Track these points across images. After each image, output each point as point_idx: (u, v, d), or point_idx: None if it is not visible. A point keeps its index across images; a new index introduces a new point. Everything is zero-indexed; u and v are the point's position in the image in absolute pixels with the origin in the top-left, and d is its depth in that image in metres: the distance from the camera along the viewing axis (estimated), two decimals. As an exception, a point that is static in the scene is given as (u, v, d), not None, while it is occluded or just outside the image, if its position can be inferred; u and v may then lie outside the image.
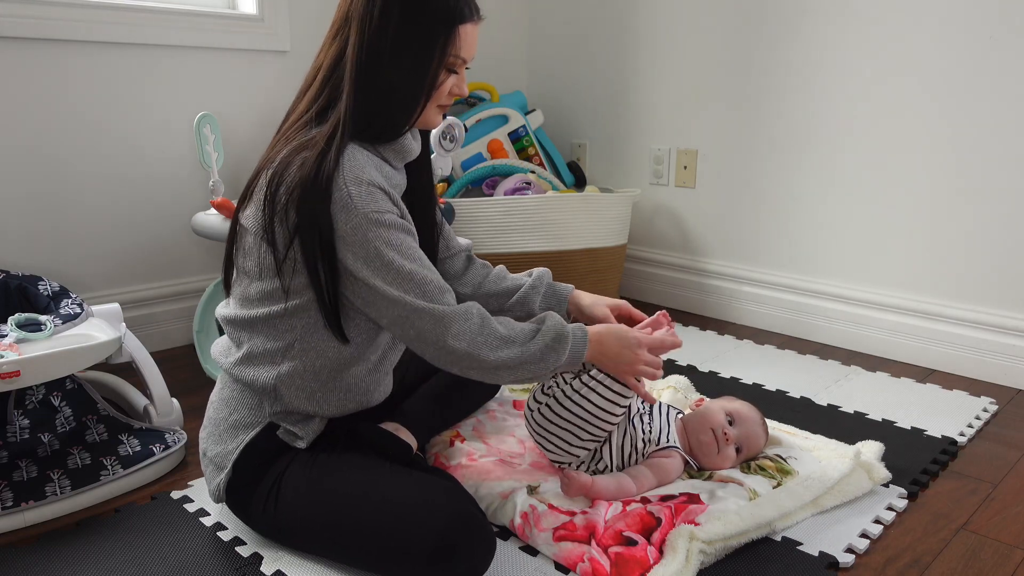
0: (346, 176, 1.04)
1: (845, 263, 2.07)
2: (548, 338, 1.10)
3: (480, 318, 1.09)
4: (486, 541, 1.03)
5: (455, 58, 1.09)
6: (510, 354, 1.08)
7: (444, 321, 1.06)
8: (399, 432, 1.24)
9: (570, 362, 1.13)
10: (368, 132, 1.10)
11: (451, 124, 1.89)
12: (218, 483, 1.14)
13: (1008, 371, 1.81)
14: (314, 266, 1.05)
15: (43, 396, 1.45)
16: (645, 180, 2.48)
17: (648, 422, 1.31)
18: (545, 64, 2.70)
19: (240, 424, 1.14)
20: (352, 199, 1.03)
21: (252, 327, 1.13)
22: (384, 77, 1.07)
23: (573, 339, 1.12)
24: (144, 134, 1.93)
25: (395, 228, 1.06)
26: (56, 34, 1.75)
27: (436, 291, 1.07)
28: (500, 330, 1.09)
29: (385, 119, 1.10)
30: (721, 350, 2.05)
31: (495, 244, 2.10)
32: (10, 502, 1.23)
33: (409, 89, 1.08)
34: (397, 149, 1.15)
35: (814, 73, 2.03)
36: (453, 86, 1.12)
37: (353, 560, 1.07)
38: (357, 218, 1.03)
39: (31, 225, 1.80)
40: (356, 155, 1.06)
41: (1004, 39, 1.72)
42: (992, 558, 1.16)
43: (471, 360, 1.07)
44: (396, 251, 1.05)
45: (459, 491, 1.12)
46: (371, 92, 1.08)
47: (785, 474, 1.30)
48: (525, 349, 1.09)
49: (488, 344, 1.08)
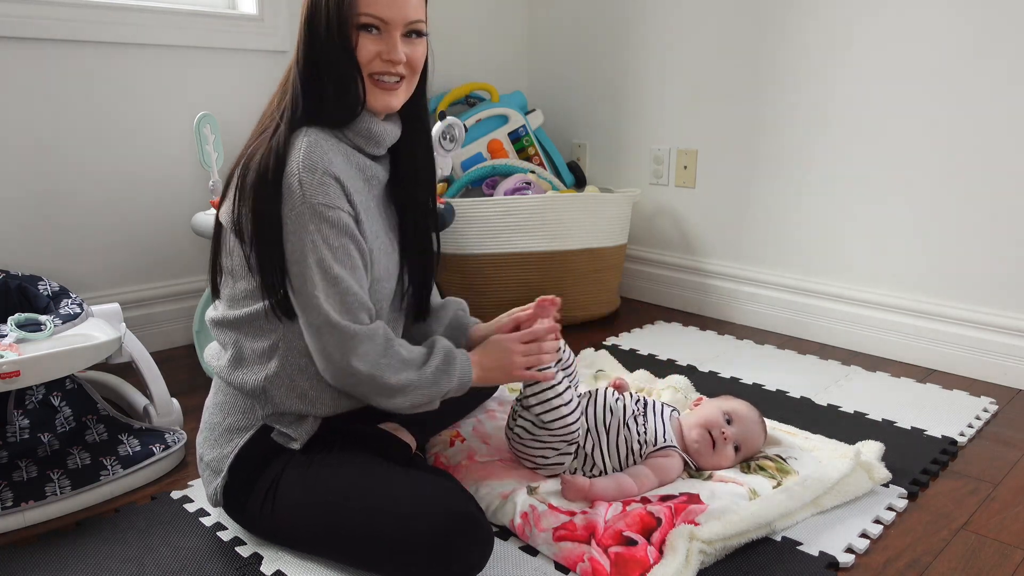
0: (301, 162, 1.03)
1: (845, 263, 2.07)
2: (439, 359, 1.12)
3: (385, 339, 1.08)
4: (483, 539, 1.03)
5: (364, 15, 1.05)
6: (409, 377, 1.08)
7: (352, 341, 1.05)
8: (398, 432, 1.24)
9: (459, 386, 1.14)
10: (323, 116, 1.08)
11: (451, 124, 1.89)
12: (215, 487, 1.14)
13: (1008, 371, 1.81)
14: (265, 253, 1.05)
15: (43, 396, 1.45)
16: (645, 180, 2.48)
17: (643, 423, 1.31)
18: (545, 64, 2.70)
19: (234, 428, 1.14)
20: (301, 186, 1.02)
21: (237, 328, 1.13)
22: (316, 55, 1.07)
23: (460, 362, 1.14)
24: (144, 134, 1.93)
25: (337, 227, 1.04)
26: (56, 34, 1.75)
27: (356, 305, 1.06)
28: (402, 352, 1.09)
29: (331, 99, 1.08)
30: (721, 350, 2.05)
31: (495, 244, 2.10)
32: (10, 502, 1.23)
33: (335, 61, 1.06)
34: (364, 135, 1.12)
35: (814, 73, 2.03)
36: (381, 51, 1.07)
37: (352, 560, 1.07)
38: (301, 206, 1.02)
39: (31, 225, 1.80)
40: (319, 142, 1.05)
41: (1004, 40, 1.72)
42: (992, 558, 1.16)
43: (372, 383, 1.06)
44: (330, 251, 1.04)
45: (457, 489, 1.12)
46: (312, 73, 1.07)
47: (785, 474, 1.30)
48: (421, 372, 1.10)
49: (391, 366, 1.07)
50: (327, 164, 1.04)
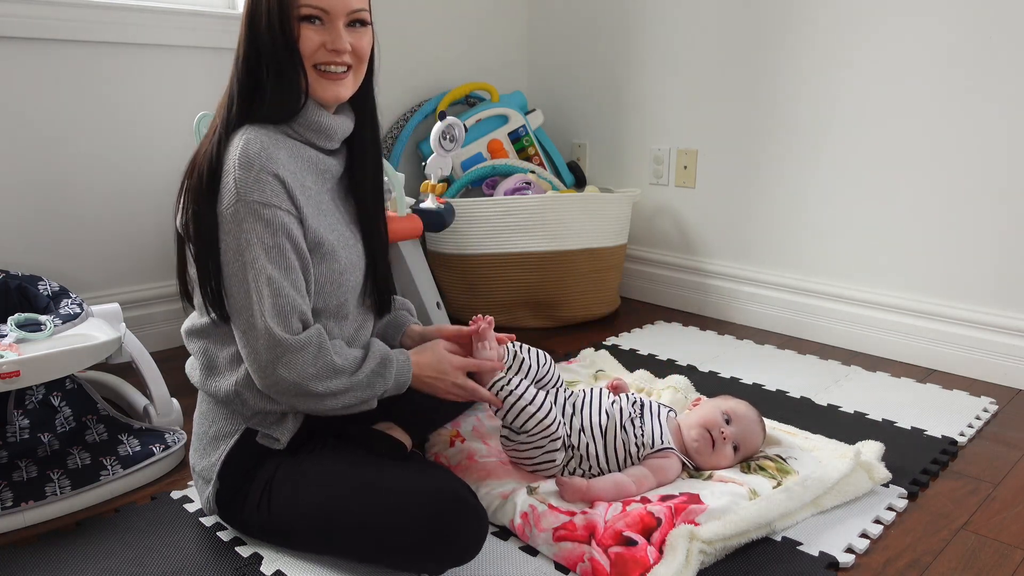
0: (237, 160, 1.02)
1: (845, 263, 2.07)
2: (374, 363, 1.11)
3: (317, 348, 1.06)
4: (478, 521, 1.03)
5: (305, 6, 1.05)
6: (339, 384, 1.07)
7: (279, 348, 1.03)
8: (392, 431, 1.24)
9: (396, 387, 1.13)
10: (264, 112, 1.07)
11: (451, 124, 1.89)
12: (207, 496, 1.15)
13: (1008, 371, 1.81)
14: (202, 256, 1.04)
15: (43, 396, 1.45)
16: (645, 180, 2.48)
17: (640, 425, 1.30)
18: (545, 64, 2.70)
19: (220, 435, 1.14)
20: (236, 184, 1.02)
21: (206, 336, 1.13)
22: (257, 50, 1.06)
23: (397, 363, 1.13)
24: (144, 134, 1.93)
25: (273, 226, 1.03)
26: (56, 34, 1.75)
27: (288, 309, 1.04)
28: (335, 361, 1.07)
29: (272, 94, 1.07)
30: (721, 350, 2.05)
31: (495, 244, 2.10)
32: (10, 502, 1.23)
33: (277, 55, 1.05)
34: (313, 128, 1.11)
35: (814, 73, 2.03)
36: (325, 41, 1.07)
37: (350, 551, 1.07)
38: (236, 204, 1.02)
39: (31, 225, 1.80)
40: (258, 139, 1.04)
41: (1004, 40, 1.72)
42: (992, 558, 1.16)
43: (298, 390, 1.05)
44: (264, 250, 1.03)
45: (447, 474, 1.12)
46: (252, 69, 1.06)
47: (785, 474, 1.30)
48: (354, 377, 1.09)
49: (319, 376, 1.05)
50: (265, 161, 1.03)
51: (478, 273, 2.14)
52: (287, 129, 1.10)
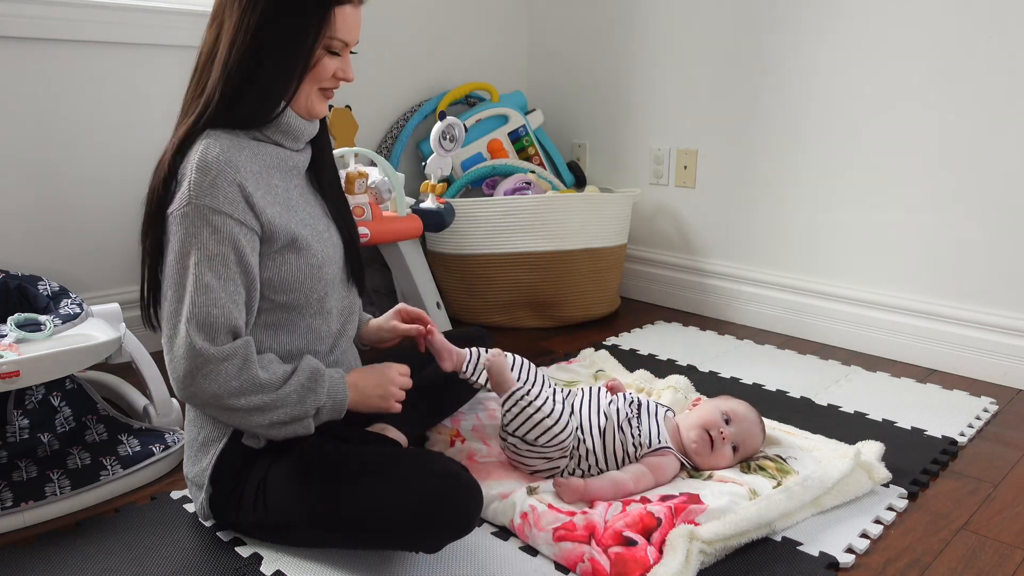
0: (196, 163, 1.02)
1: (845, 263, 2.07)
2: (303, 377, 1.07)
3: (242, 361, 1.02)
4: (470, 495, 1.03)
5: (332, 40, 1.08)
6: (263, 399, 1.03)
7: (199, 359, 1.00)
8: (386, 431, 1.25)
9: (332, 407, 1.09)
10: (234, 116, 1.08)
11: (451, 124, 1.89)
12: (201, 502, 1.15)
13: (1008, 371, 1.81)
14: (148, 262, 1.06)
15: (43, 396, 1.45)
16: (645, 180, 2.48)
17: (637, 425, 1.30)
18: (545, 64, 2.70)
19: (208, 440, 1.14)
20: (190, 187, 1.01)
21: None
22: (254, 58, 1.05)
23: (330, 380, 1.10)
24: (144, 134, 1.93)
25: (220, 233, 1.01)
26: (55, 34, 1.75)
27: (219, 320, 1.01)
28: (260, 375, 1.04)
29: (254, 101, 1.07)
30: (721, 350, 2.05)
31: (495, 244, 2.10)
32: (10, 502, 1.23)
33: (281, 69, 1.06)
34: (284, 130, 1.12)
35: (814, 73, 2.03)
36: (337, 69, 1.11)
37: (350, 537, 1.07)
38: (186, 207, 1.01)
39: (31, 225, 1.80)
40: (219, 142, 1.04)
41: (1003, 41, 1.72)
42: (992, 558, 1.16)
43: (217, 403, 1.02)
44: (208, 258, 1.01)
45: (441, 455, 1.12)
46: (239, 74, 1.06)
47: (785, 474, 1.30)
48: (280, 392, 1.05)
49: (240, 390, 1.02)
50: (223, 166, 1.03)
51: (478, 273, 2.14)
52: (255, 133, 1.11)
